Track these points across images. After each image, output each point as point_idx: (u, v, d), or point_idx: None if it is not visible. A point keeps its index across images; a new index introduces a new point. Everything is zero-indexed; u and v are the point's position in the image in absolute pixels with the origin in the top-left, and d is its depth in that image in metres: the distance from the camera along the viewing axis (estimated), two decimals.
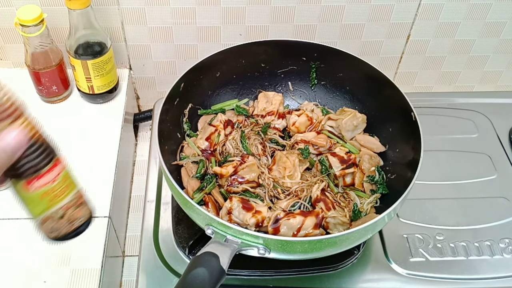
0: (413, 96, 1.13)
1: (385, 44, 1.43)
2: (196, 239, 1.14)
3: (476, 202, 1.27)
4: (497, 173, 1.33)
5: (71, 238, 0.68)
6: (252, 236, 0.88)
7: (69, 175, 0.64)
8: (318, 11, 1.33)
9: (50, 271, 1.03)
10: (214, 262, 0.84)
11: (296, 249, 0.91)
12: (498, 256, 1.17)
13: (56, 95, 1.31)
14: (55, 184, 0.63)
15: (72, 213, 0.65)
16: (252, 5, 1.30)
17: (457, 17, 1.38)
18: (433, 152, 1.35)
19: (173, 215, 1.20)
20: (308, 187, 1.11)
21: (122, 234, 1.25)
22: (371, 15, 1.35)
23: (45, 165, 0.62)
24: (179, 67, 1.43)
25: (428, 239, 1.19)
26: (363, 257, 1.15)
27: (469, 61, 1.51)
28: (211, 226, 0.91)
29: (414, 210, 1.23)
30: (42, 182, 0.62)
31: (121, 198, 1.26)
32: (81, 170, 1.17)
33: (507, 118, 1.47)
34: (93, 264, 1.05)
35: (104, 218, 1.11)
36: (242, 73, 1.28)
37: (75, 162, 1.22)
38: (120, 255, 1.23)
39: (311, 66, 1.27)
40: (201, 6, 1.29)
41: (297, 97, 1.32)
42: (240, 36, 1.37)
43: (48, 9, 1.26)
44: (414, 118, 1.06)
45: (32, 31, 1.17)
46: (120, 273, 1.22)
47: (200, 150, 1.17)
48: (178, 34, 1.35)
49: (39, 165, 0.61)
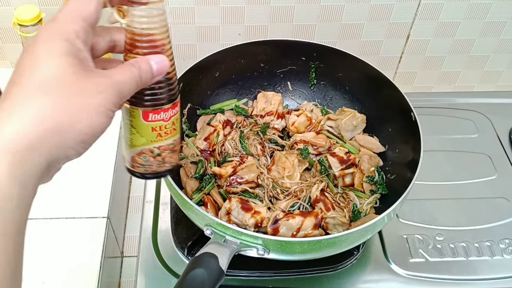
0: (413, 96, 1.13)
1: (384, 44, 1.43)
2: (195, 239, 1.13)
3: (476, 203, 1.26)
4: (497, 173, 1.33)
5: (153, 178, 0.71)
6: (251, 236, 0.88)
7: (178, 121, 0.66)
8: (317, 10, 1.33)
9: (48, 271, 1.02)
10: (213, 263, 0.84)
11: (295, 249, 0.91)
12: (498, 257, 1.17)
13: None
14: (167, 123, 0.65)
15: (167, 155, 0.68)
16: (251, 4, 1.30)
17: (457, 16, 1.38)
18: (433, 152, 1.35)
19: (172, 215, 1.19)
20: (308, 187, 1.11)
21: (120, 235, 1.25)
22: (371, 14, 1.35)
23: (167, 103, 0.64)
24: (178, 67, 1.37)
25: (428, 240, 1.19)
26: (363, 257, 1.15)
27: (469, 61, 1.51)
28: (210, 226, 0.91)
29: (414, 210, 1.23)
30: (159, 117, 0.64)
31: (119, 198, 1.25)
32: (80, 170, 1.18)
33: (507, 118, 1.47)
34: (92, 264, 1.04)
35: (102, 218, 1.11)
36: (241, 73, 1.27)
37: (73, 162, 1.22)
38: (119, 255, 1.22)
39: (310, 66, 1.27)
40: (200, 6, 1.29)
41: (297, 97, 1.32)
42: (239, 36, 1.37)
43: (47, 9, 1.25)
44: (414, 118, 1.06)
45: (31, 30, 1.17)
46: (119, 273, 1.22)
47: (199, 150, 1.16)
48: (176, 33, 1.35)
49: (163, 100, 0.64)
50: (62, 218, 1.10)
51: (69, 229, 1.08)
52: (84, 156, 1.20)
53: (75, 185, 1.16)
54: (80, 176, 1.17)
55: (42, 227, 1.08)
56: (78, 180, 1.16)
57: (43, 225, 1.08)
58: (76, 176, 1.17)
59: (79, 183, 1.16)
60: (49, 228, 1.08)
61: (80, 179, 1.16)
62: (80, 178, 1.17)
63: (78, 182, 1.16)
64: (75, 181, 1.16)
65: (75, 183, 1.16)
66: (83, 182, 1.16)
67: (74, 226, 1.09)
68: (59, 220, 1.10)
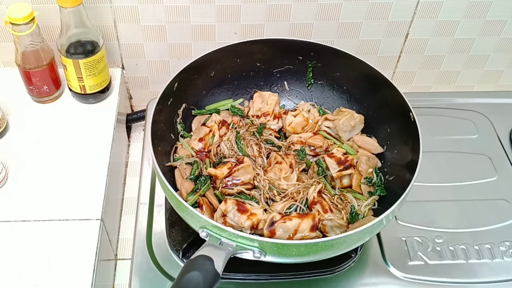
0: (412, 96, 1.13)
1: (383, 43, 1.42)
2: (190, 242, 1.13)
3: (476, 204, 1.26)
4: (498, 174, 1.33)
5: None
6: (247, 239, 0.87)
7: None
8: (314, 9, 1.32)
9: (41, 274, 1.01)
10: (209, 266, 0.84)
11: (292, 252, 0.90)
12: (498, 260, 1.16)
13: (47, 95, 1.29)
14: None
15: None
16: (248, 3, 1.29)
17: (457, 15, 1.37)
18: (432, 153, 1.34)
19: (166, 217, 1.19)
20: (304, 189, 1.10)
21: (114, 237, 1.24)
22: (369, 13, 1.34)
23: None
24: (173, 66, 1.42)
25: (427, 242, 1.18)
26: (361, 260, 1.14)
27: (468, 60, 1.50)
28: (206, 228, 0.90)
29: (413, 212, 1.22)
30: None
31: (113, 200, 1.24)
32: (73, 171, 1.18)
33: (507, 118, 1.47)
34: (85, 267, 1.03)
35: (96, 220, 1.10)
36: (237, 73, 1.27)
37: (66, 163, 1.23)
38: (113, 258, 1.22)
39: (307, 65, 1.27)
40: (195, 4, 1.28)
41: (293, 97, 1.32)
42: (235, 34, 1.36)
43: (39, 7, 1.24)
44: (413, 119, 1.06)
45: (23, 29, 1.16)
46: (113, 276, 1.21)
47: (194, 151, 1.15)
48: (171, 32, 1.34)
49: None
50: (55, 220, 1.09)
51: (62, 231, 1.07)
52: (78, 157, 1.20)
53: (68, 187, 1.15)
54: (73, 178, 1.16)
55: (34, 229, 1.07)
56: (71, 181, 1.16)
57: (36, 227, 1.07)
58: (69, 178, 1.16)
59: (72, 185, 1.15)
60: (42, 230, 1.07)
61: (73, 181, 1.16)
62: (73, 179, 1.16)
63: (71, 183, 1.15)
64: (68, 183, 1.15)
65: (68, 184, 1.15)
66: (76, 184, 1.15)
67: (67, 229, 1.08)
68: (52, 222, 1.09)
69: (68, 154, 1.21)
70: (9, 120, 1.24)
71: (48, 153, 1.20)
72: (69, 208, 1.11)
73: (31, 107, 1.29)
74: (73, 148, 1.22)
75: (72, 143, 1.23)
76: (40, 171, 1.16)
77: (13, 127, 1.24)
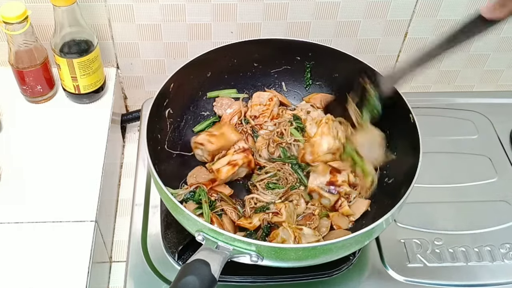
0: (411, 96, 1.12)
1: (382, 42, 1.42)
2: (186, 244, 1.12)
3: (476, 206, 1.26)
4: (498, 175, 1.32)
5: None
6: (245, 243, 0.87)
7: None
8: (312, 7, 1.31)
9: (35, 276, 1.01)
10: (205, 270, 0.84)
11: (290, 256, 0.90)
12: (498, 262, 1.16)
13: (40, 95, 1.28)
14: None
15: None
16: (244, 1, 1.29)
17: (456, 14, 1.36)
18: (431, 154, 1.33)
19: (162, 219, 1.18)
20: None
21: (109, 239, 1.23)
22: (367, 11, 1.34)
23: None
24: (168, 66, 1.42)
25: (426, 244, 1.18)
26: (359, 263, 1.14)
27: (468, 59, 1.50)
28: (202, 232, 0.90)
29: (412, 214, 1.22)
30: None
31: (108, 201, 1.24)
32: (67, 172, 1.17)
33: (508, 118, 1.46)
34: (79, 270, 1.02)
35: (90, 222, 1.09)
36: (234, 73, 1.27)
37: (60, 164, 1.21)
38: (107, 260, 1.21)
39: (305, 65, 1.27)
40: (191, 3, 1.28)
41: (291, 98, 1.31)
42: (232, 34, 1.35)
43: (33, 6, 1.23)
44: (413, 120, 1.05)
45: (16, 28, 1.15)
46: (107, 279, 1.20)
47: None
48: (167, 31, 1.33)
49: None
50: (48, 222, 1.08)
51: (56, 233, 1.07)
52: (72, 158, 1.19)
53: (61, 188, 1.14)
54: (67, 179, 1.15)
55: (28, 231, 1.06)
56: (64, 182, 1.15)
57: (30, 229, 1.07)
58: (62, 179, 1.15)
59: (66, 186, 1.14)
60: (36, 232, 1.06)
61: (67, 182, 1.15)
62: (67, 180, 1.15)
63: (64, 184, 1.15)
64: (61, 184, 1.14)
65: (62, 186, 1.14)
66: (70, 185, 1.15)
67: (61, 230, 1.07)
68: (46, 224, 1.08)
69: (62, 155, 1.20)
70: (1, 120, 1.23)
71: (42, 154, 1.19)
72: (63, 209, 1.10)
73: (25, 107, 1.28)
74: (67, 149, 1.21)
75: (66, 144, 1.22)
76: (33, 172, 1.15)
77: (6, 127, 1.23)
